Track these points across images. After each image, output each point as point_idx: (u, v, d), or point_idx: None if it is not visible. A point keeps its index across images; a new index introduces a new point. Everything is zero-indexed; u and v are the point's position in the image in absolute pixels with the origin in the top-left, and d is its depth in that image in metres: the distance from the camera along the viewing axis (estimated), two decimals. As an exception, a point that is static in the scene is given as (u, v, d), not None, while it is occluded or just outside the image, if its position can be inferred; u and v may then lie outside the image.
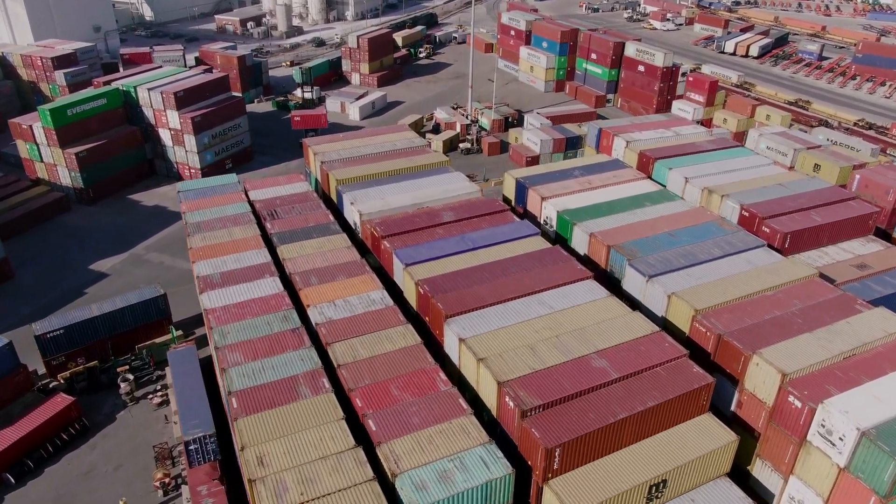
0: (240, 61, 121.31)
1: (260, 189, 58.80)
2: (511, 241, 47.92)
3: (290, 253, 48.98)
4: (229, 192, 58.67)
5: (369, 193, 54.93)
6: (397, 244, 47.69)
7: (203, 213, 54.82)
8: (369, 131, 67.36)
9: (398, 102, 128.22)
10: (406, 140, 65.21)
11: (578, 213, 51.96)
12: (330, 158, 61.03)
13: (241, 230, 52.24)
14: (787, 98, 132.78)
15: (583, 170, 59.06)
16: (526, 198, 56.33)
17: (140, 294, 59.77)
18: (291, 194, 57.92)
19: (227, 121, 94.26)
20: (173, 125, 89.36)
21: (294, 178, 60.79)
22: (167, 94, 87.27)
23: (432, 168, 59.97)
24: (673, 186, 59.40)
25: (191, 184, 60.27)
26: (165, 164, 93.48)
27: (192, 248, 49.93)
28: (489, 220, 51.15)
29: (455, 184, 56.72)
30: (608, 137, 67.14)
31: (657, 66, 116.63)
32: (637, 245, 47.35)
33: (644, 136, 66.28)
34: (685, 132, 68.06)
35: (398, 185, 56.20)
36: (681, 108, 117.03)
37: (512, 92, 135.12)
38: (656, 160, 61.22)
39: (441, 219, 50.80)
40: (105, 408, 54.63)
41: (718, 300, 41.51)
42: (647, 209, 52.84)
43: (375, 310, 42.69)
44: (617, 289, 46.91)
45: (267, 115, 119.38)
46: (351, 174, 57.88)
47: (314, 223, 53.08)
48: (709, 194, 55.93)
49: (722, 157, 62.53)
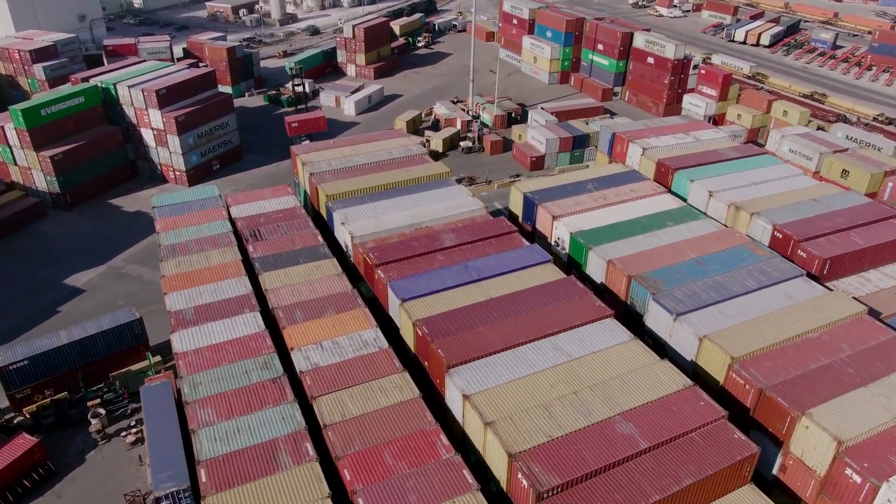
0: (229, 53, 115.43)
1: (243, 204, 53.65)
2: (520, 270, 42.89)
3: (274, 282, 43.94)
4: (209, 207, 53.53)
5: (362, 211, 49.80)
6: (393, 274, 42.65)
7: (179, 234, 49.71)
8: (363, 137, 62.12)
9: (396, 96, 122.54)
10: (403, 148, 59.93)
11: (594, 235, 46.87)
12: (319, 169, 55.81)
13: (220, 254, 47.16)
14: (802, 91, 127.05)
15: (597, 183, 53.87)
16: (535, 215, 51.23)
17: (113, 318, 54.73)
18: (277, 210, 52.81)
19: (214, 119, 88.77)
20: (156, 125, 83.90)
21: (280, 191, 55.59)
22: (148, 91, 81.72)
23: (431, 181, 54.80)
24: (695, 200, 54.27)
25: (167, 198, 55.09)
26: (149, 166, 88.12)
27: (164, 276, 44.87)
28: (495, 243, 46.07)
29: (457, 199, 51.58)
30: (622, 143, 61.88)
31: (668, 58, 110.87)
32: (661, 275, 42.33)
33: (661, 143, 61.02)
34: (705, 137, 62.77)
35: (394, 202, 51.07)
36: (692, 103, 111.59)
37: (514, 84, 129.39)
38: (676, 170, 56.03)
39: (441, 243, 45.71)
40: (74, 447, 49.82)
41: (757, 345, 36.56)
42: (670, 230, 47.74)
43: (368, 353, 37.77)
44: (638, 324, 41.97)
45: (258, 110, 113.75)
46: (342, 188, 52.71)
47: (301, 245, 48.02)
48: (736, 211, 50.82)
49: (747, 167, 57.32)
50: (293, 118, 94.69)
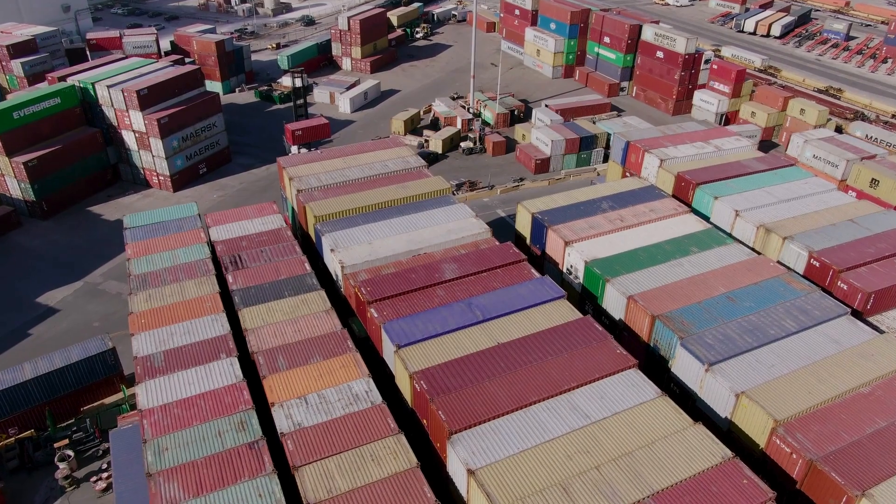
0: (218, 47, 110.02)
1: (223, 225, 48.84)
2: (530, 308, 38.21)
3: (255, 320, 39.27)
4: (186, 228, 48.72)
5: (354, 235, 45.04)
6: (387, 313, 37.97)
7: (151, 261, 44.97)
8: (356, 147, 57.22)
9: (393, 91, 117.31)
10: (400, 159, 55.03)
11: (611, 264, 42.16)
12: (308, 185, 50.97)
13: (196, 285, 42.44)
14: (817, 85, 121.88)
15: (612, 201, 49.07)
16: (545, 238, 46.50)
17: (84, 349, 50.20)
18: (261, 232, 48.03)
19: (200, 120, 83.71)
20: (137, 127, 78.88)
21: (265, 210, 50.75)
22: (129, 92, 76.62)
23: (431, 198, 50.00)
24: (719, 219, 49.53)
25: (140, 217, 50.24)
26: (131, 171, 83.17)
27: (132, 313, 40.17)
28: (502, 275, 41.34)
29: (459, 221, 46.81)
30: (637, 153, 57.04)
31: (678, 52, 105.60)
32: (689, 315, 37.69)
33: (680, 153, 56.17)
34: (728, 147, 57.88)
35: (389, 224, 46.29)
36: (703, 100, 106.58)
37: (516, 78, 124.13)
38: (698, 185, 51.22)
39: (442, 274, 40.97)
40: (39, 494, 45.39)
41: (803, 405, 32.01)
42: (696, 258, 43.06)
43: (359, 411, 33.17)
44: (662, 368, 37.40)
45: (249, 108, 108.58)
46: (332, 208, 47.91)
47: (286, 275, 43.29)
48: (766, 234, 46.10)
49: (774, 181, 52.53)
50: (297, 126, 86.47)
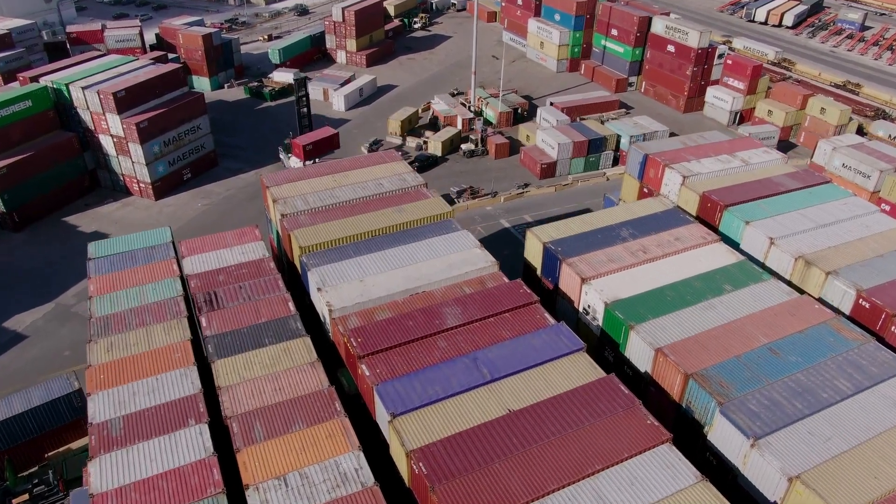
0: (205, 40, 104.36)
1: (199, 255, 43.75)
2: (545, 364, 33.30)
3: (230, 374, 34.35)
4: (157, 259, 43.64)
5: (344, 271, 40.00)
6: (381, 370, 33.05)
7: (116, 300, 39.94)
8: (348, 162, 51.95)
9: (390, 87, 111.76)
10: (396, 177, 49.86)
11: (635, 306, 37.20)
12: (294, 209, 45.84)
13: (165, 331, 37.46)
14: (834, 79, 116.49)
15: (632, 227, 44.01)
16: (558, 272, 41.48)
17: (46, 391, 45.43)
18: (240, 264, 42.95)
19: (183, 123, 78.41)
20: (115, 132, 73.57)
21: (246, 236, 45.62)
22: (105, 94, 71.22)
23: (430, 224, 44.91)
24: (751, 247, 44.55)
25: (105, 246, 45.11)
26: (110, 177, 77.96)
27: (91, 366, 35.22)
28: (511, 320, 36.37)
29: (462, 253, 41.74)
30: (657, 168, 51.91)
31: (690, 46, 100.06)
32: (727, 372, 32.81)
33: (704, 168, 51.02)
34: (755, 161, 52.72)
35: (384, 256, 41.24)
36: (716, 97, 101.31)
37: (519, 72, 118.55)
38: (726, 207, 46.15)
39: (444, 321, 35.99)
40: (-6, 558, 40.75)
41: (871, 494, 27.21)
42: (730, 298, 38.09)
43: (348, 495, 28.33)
44: (696, 433, 32.59)
45: (238, 105, 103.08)
46: (320, 237, 42.83)
47: (267, 316, 38.31)
48: (806, 267, 41.12)
49: (810, 202, 47.46)
50: (307, 140, 78.89)
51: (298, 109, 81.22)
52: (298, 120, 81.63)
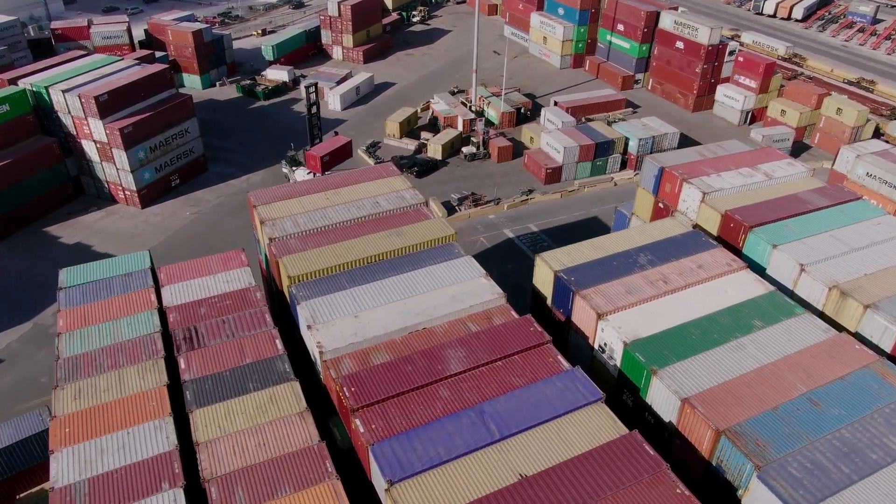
0: (196, 37, 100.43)
1: (179, 283, 40.20)
2: (560, 418, 29.87)
3: (209, 428, 30.89)
4: (134, 288, 40.08)
5: (337, 304, 36.48)
6: (377, 426, 29.61)
7: (87, 337, 36.43)
8: (342, 178, 48.25)
9: (388, 84, 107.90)
10: (394, 195, 46.22)
11: (657, 346, 33.74)
12: (283, 232, 42.24)
13: (140, 374, 33.98)
14: (847, 76, 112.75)
15: (651, 252, 40.45)
16: (571, 304, 37.97)
17: (16, 429, 42.06)
18: (224, 294, 39.40)
19: (171, 127, 74.68)
20: (98, 137, 69.84)
21: (232, 261, 42.03)
22: (86, 97, 67.42)
23: (431, 248, 41.33)
24: (779, 273, 41.07)
25: (78, 273, 41.49)
26: (94, 183, 74.27)
27: (55, 417, 31.76)
28: (521, 363, 32.91)
29: (466, 283, 38.21)
30: (673, 182, 48.32)
31: (700, 43, 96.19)
32: (763, 427, 29.40)
33: (725, 183, 47.42)
34: (779, 174, 49.11)
35: (381, 287, 37.70)
36: (727, 96, 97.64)
37: (521, 68, 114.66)
38: (751, 229, 42.60)
39: (447, 366, 32.50)
40: None
41: (936, 583, 23.94)
42: (761, 336, 34.63)
43: (339, 578, 24.96)
44: (727, 494, 29.20)
45: (230, 105, 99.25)
46: (311, 265, 39.28)
47: (252, 357, 34.83)
48: (841, 298, 37.64)
49: (842, 222, 43.91)
50: (323, 150, 74.13)
51: (309, 118, 75.72)
52: (309, 129, 76.34)
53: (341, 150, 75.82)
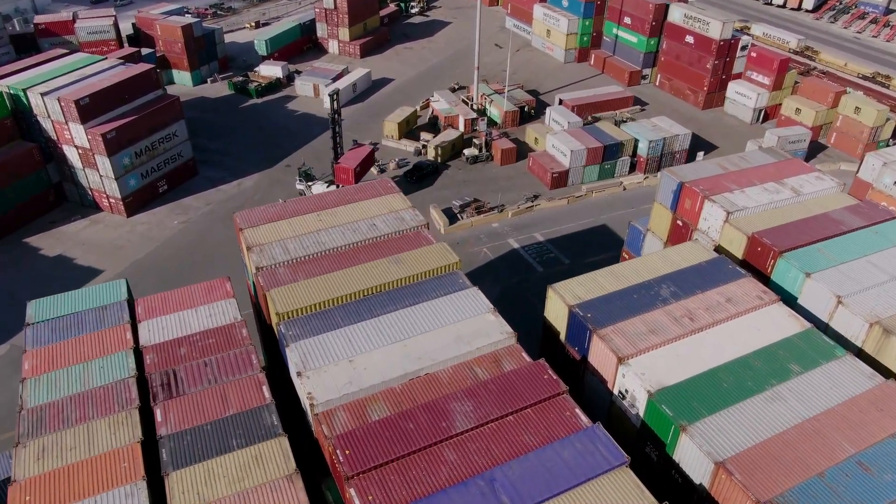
0: (185, 32, 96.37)
1: (158, 318, 36.73)
2: (581, 486, 26.54)
3: (187, 495, 27.54)
4: (108, 324, 36.60)
5: (330, 347, 33.06)
6: (375, 496, 26.26)
7: (54, 383, 33.05)
8: (336, 196, 44.63)
9: (386, 80, 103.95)
10: (392, 215, 42.67)
11: (685, 397, 30.40)
12: (272, 259, 38.73)
13: (111, 428, 30.60)
14: (861, 70, 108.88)
15: (673, 283, 37.01)
16: (588, 343, 34.57)
17: (-19, 473, 38.66)
18: (207, 331, 35.94)
19: (157, 130, 70.92)
20: (80, 142, 66.13)
21: (216, 291, 38.53)
22: (66, 101, 63.67)
23: (433, 278, 37.86)
24: (812, 304, 37.69)
25: (48, 306, 38.09)
26: (77, 190, 70.64)
27: (15, 482, 28.41)
28: (535, 418, 29.52)
29: (472, 320, 34.75)
30: (694, 199, 44.80)
31: (712, 37, 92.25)
32: (809, 497, 26.12)
33: (750, 201, 43.90)
34: (808, 190, 45.57)
35: (378, 325, 34.27)
36: (739, 93, 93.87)
37: (524, 63, 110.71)
38: (781, 254, 39.14)
39: (452, 423, 29.11)
40: None
41: None
42: (799, 383, 31.29)
43: None
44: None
45: (222, 103, 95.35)
46: (302, 299, 35.79)
47: (237, 407, 31.44)
48: (884, 336, 34.29)
49: (879, 245, 40.43)
50: (353, 161, 70.76)
51: (333, 129, 70.84)
52: (333, 141, 71.49)
53: (368, 159, 73.11)
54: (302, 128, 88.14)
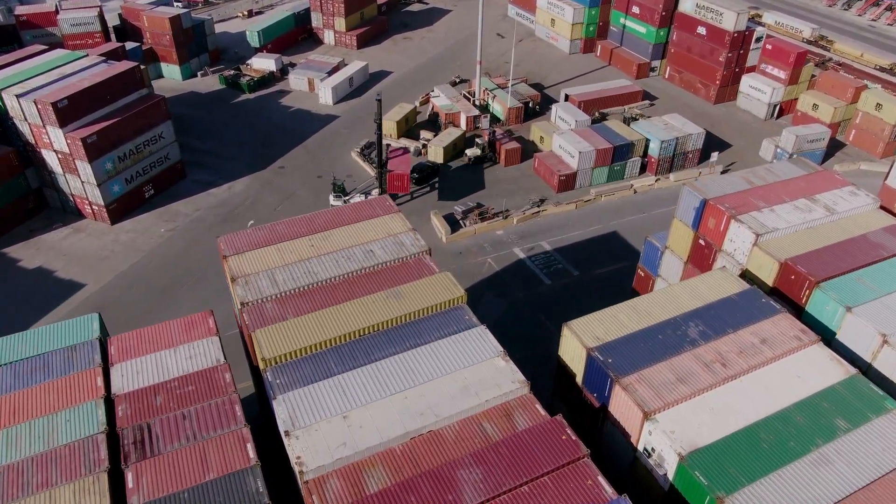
0: (173, 23, 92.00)
1: (132, 360, 33.26)
2: (606, 576, 23.33)
3: (160, 581, 24.27)
4: (77, 368, 33.13)
5: (322, 400, 29.66)
6: (372, 589, 23.00)
7: (14, 439, 29.63)
8: (329, 218, 40.87)
9: (384, 73, 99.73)
10: (390, 240, 39.04)
11: (720, 462, 27.06)
12: (258, 293, 35.19)
13: (75, 496, 27.26)
14: (878, 62, 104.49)
15: (700, 320, 33.56)
16: (608, 391, 31.15)
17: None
18: (187, 375, 32.51)
19: (142, 132, 66.98)
20: (59, 147, 62.26)
21: (197, 328, 35.04)
22: (43, 104, 59.72)
23: (436, 314, 34.35)
24: (852, 341, 34.32)
25: (9, 346, 34.45)
26: (59, 196, 66.84)
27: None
28: (552, 488, 26.15)
29: (480, 366, 31.31)
30: (719, 218, 41.18)
31: (725, 29, 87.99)
32: (869, 591, 22.92)
33: (781, 221, 40.30)
34: (842, 208, 41.97)
35: (376, 372, 30.85)
36: (752, 87, 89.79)
37: (527, 54, 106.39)
38: (817, 284, 35.66)
39: (460, 496, 25.75)
40: None
41: None
42: (846, 442, 27.97)
43: None
44: None
45: (212, 98, 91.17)
46: (291, 341, 32.32)
47: (218, 470, 28.10)
48: (937, 382, 30.98)
49: (923, 272, 36.98)
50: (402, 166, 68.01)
51: (378, 134, 66.41)
52: (378, 147, 66.92)
53: (405, 163, 70.07)
54: (296, 125, 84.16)
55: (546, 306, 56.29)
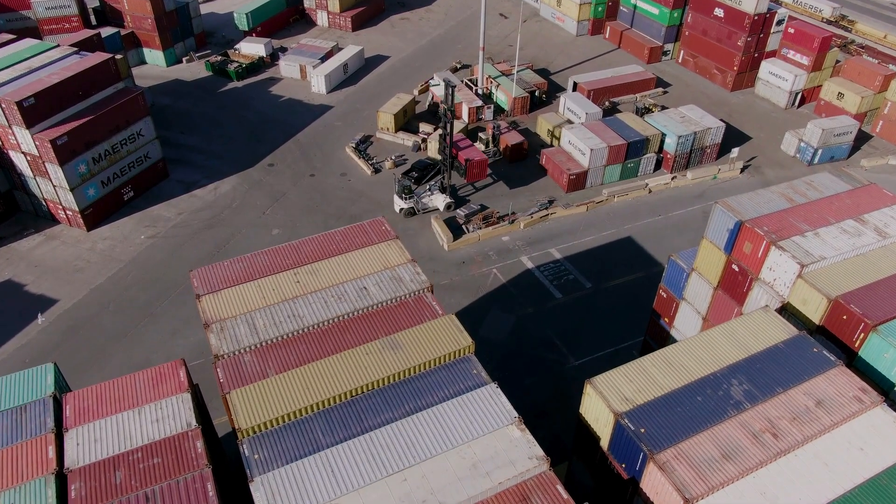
0: (155, 6, 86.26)
1: (90, 424, 28.82)
2: None
3: None
4: (27, 434, 28.72)
5: (306, 480, 25.30)
6: None
7: (-52, 532, 25.29)
8: (317, 246, 36.15)
9: (380, 58, 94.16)
10: (388, 276, 34.38)
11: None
12: (235, 344, 30.64)
13: None
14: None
15: (745, 375, 29.10)
16: (640, 467, 26.79)
17: None
18: (153, 444, 28.06)
19: (119, 131, 61.89)
20: (27, 149, 57.28)
21: (167, 382, 30.56)
22: (7, 102, 54.60)
23: (440, 366, 29.87)
24: (918, 397, 29.89)
25: (-47, 408, 30.09)
26: (30, 200, 62.01)
27: None
28: None
29: (492, 437, 26.87)
30: (756, 243, 36.53)
31: (745, 11, 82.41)
32: None
33: (828, 248, 35.66)
34: (894, 228, 37.37)
35: (370, 445, 26.45)
36: (773, 73, 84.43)
37: (532, 36, 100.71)
38: (874, 327, 31.17)
39: None
40: None
41: None
42: (926, 539, 23.79)
43: None
44: None
45: (198, 86, 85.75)
46: (273, 407, 27.84)
47: (185, 574, 23.79)
48: None
49: None
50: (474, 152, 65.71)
51: (444, 128, 60.22)
52: (449, 139, 60.87)
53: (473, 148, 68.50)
54: (287, 117, 78.95)
55: (557, 323, 51.91)
